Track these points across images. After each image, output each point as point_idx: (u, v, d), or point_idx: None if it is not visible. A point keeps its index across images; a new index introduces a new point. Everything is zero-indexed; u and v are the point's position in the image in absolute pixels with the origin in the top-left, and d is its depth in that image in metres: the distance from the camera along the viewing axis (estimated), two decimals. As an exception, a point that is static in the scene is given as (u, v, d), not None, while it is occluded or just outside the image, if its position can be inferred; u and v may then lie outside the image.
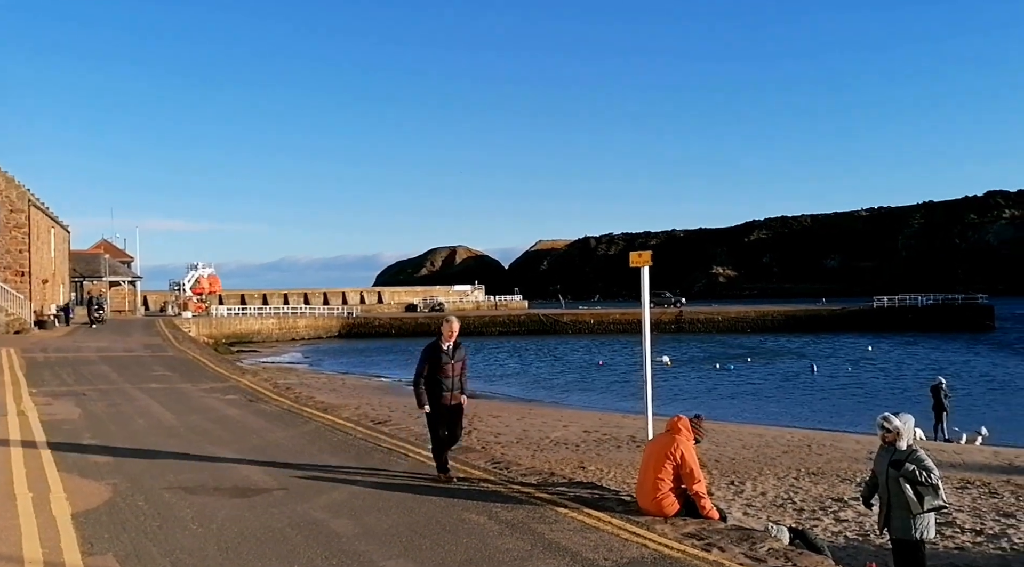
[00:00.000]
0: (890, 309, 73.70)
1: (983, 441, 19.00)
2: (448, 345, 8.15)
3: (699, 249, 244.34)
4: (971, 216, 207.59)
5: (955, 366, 39.90)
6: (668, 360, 42.92)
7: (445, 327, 8.29)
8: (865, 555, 7.77)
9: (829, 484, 12.15)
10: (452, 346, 8.17)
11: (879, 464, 6.74)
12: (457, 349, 8.20)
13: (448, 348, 8.13)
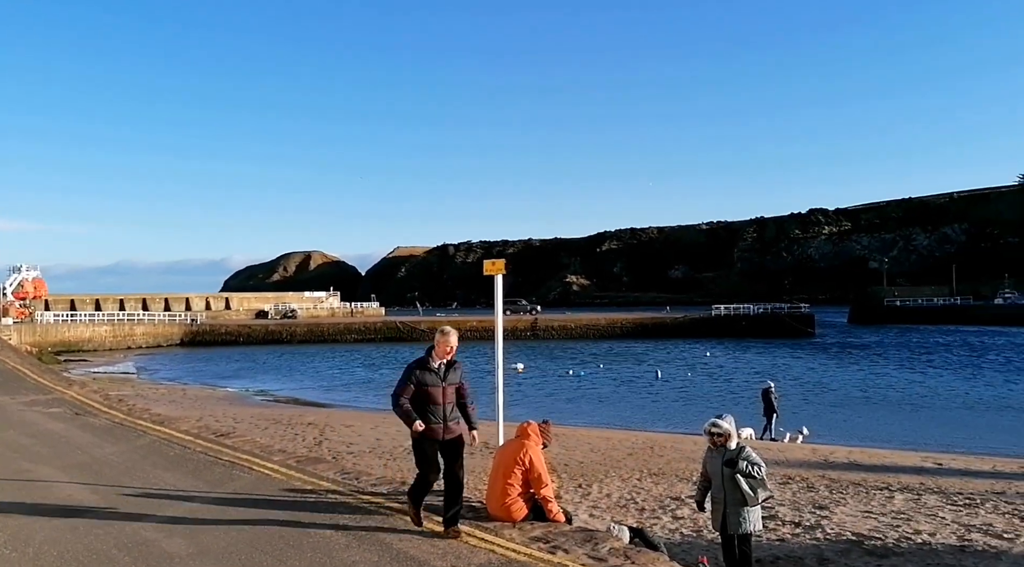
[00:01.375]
0: (727, 317, 78.81)
1: (804, 439, 20.67)
2: (440, 364, 6.60)
3: (554, 258, 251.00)
4: (796, 231, 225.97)
5: (780, 369, 43.24)
6: (521, 367, 43.70)
7: (440, 341, 6.60)
8: (698, 550, 8.24)
9: (669, 484, 12.79)
10: (445, 366, 6.63)
11: (713, 466, 7.14)
12: (451, 369, 6.65)
13: (439, 367, 6.58)
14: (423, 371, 6.54)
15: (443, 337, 6.67)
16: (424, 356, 6.67)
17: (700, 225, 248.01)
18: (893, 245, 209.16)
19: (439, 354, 6.65)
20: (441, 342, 6.65)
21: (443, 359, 6.66)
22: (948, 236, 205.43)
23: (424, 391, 6.49)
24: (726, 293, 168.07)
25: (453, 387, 6.66)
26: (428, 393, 6.49)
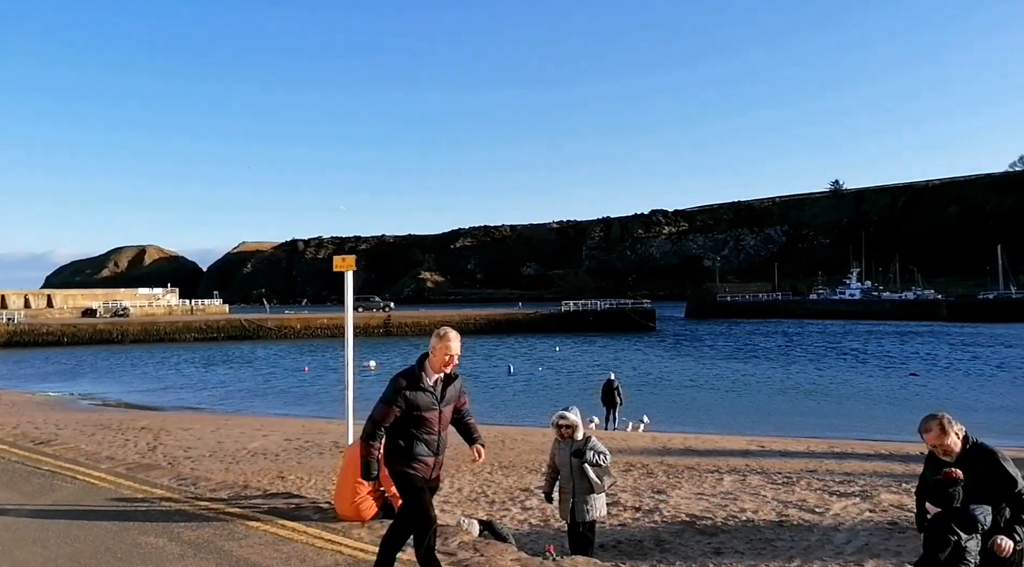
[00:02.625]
0: (575, 313, 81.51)
1: (645, 428, 21.76)
2: (436, 379, 5.15)
3: (408, 255, 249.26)
4: (639, 231, 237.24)
5: (624, 362, 45.32)
6: (374, 364, 43.06)
7: (437, 347, 5.12)
8: (546, 539, 8.47)
9: (519, 476, 13.06)
10: (443, 382, 5.18)
11: (561, 456, 7.36)
12: (450, 385, 5.21)
13: (435, 385, 5.13)
14: (415, 391, 5.01)
15: (442, 342, 5.10)
16: (414, 369, 5.13)
17: (551, 224, 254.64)
18: (724, 245, 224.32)
19: (436, 366, 5.11)
20: (439, 349, 5.08)
21: (440, 373, 5.14)
22: (771, 237, 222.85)
23: (416, 417, 5.01)
24: (575, 290, 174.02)
25: (451, 408, 5.25)
26: (422, 419, 5.03)
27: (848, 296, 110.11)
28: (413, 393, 5.02)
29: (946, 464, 4.73)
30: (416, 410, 5.01)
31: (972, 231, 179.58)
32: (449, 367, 5.17)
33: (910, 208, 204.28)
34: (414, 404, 5.01)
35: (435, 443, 5.18)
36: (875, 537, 8.46)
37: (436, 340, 5.15)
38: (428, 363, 5.14)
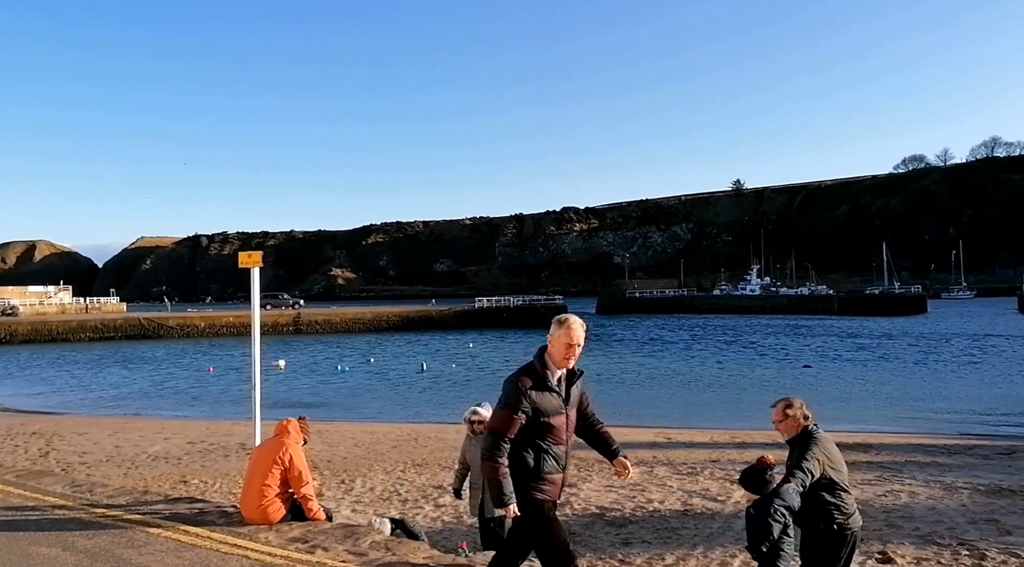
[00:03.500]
0: (489, 309, 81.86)
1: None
2: (559, 376, 4.40)
3: (318, 251, 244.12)
4: (551, 228, 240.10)
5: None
6: (283, 363, 42.08)
7: (559, 337, 4.34)
8: (458, 535, 8.51)
9: (432, 473, 13.05)
10: (566, 378, 4.45)
11: (473, 453, 7.37)
12: (573, 383, 4.48)
13: (559, 382, 4.40)
14: (542, 392, 4.22)
15: (563, 329, 4.30)
16: (534, 365, 4.33)
17: (464, 220, 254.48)
18: (633, 242, 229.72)
19: (557, 359, 4.32)
20: (560, 338, 4.30)
21: (564, 368, 4.38)
22: (678, 234, 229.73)
23: (542, 425, 4.20)
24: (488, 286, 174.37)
25: (575, 412, 4.48)
26: (548, 427, 4.22)
27: (749, 292, 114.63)
28: (539, 394, 4.18)
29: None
30: (543, 416, 4.16)
31: (860, 229, 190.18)
32: (572, 361, 4.35)
33: (805, 207, 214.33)
34: (540, 409, 4.17)
35: (563, 456, 4.33)
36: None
37: (556, 328, 4.33)
38: (550, 356, 4.27)
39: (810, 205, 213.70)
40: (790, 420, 5.02)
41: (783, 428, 5.06)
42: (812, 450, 4.83)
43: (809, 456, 4.80)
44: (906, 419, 23.03)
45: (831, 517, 4.86)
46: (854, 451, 15.30)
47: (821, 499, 4.85)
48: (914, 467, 13.24)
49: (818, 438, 4.96)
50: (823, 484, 4.85)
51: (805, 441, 4.93)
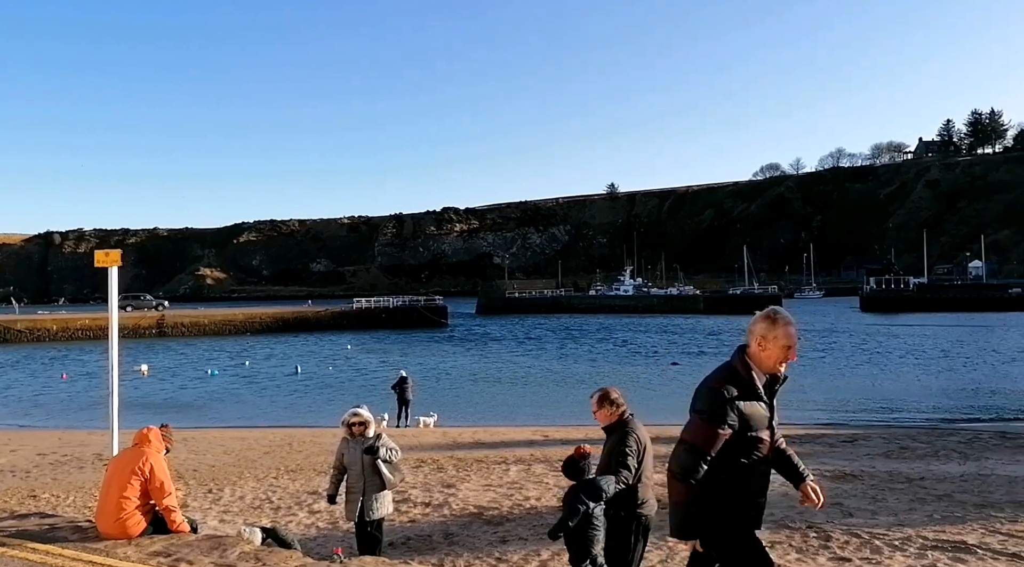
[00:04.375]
0: (368, 310, 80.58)
1: (435, 424, 22.06)
2: (764, 383, 3.67)
3: (185, 250, 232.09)
4: (431, 228, 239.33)
5: (416, 358, 45.55)
6: (146, 368, 39.85)
7: (774, 334, 3.62)
8: (333, 541, 8.35)
9: (307, 479, 12.73)
10: (769, 382, 3.71)
11: (352, 455, 7.26)
12: (776, 391, 3.76)
13: (764, 386, 3.67)
14: (751, 401, 3.55)
15: (778, 327, 3.60)
16: (734, 368, 3.62)
17: (342, 219, 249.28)
18: (513, 243, 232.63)
19: (768, 363, 3.62)
20: (776, 338, 3.58)
21: (775, 372, 3.68)
22: (556, 236, 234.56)
23: (749, 440, 3.53)
24: (367, 287, 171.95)
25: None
26: (756, 442, 3.56)
27: (622, 292, 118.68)
28: (747, 404, 3.52)
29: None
30: (750, 429, 3.50)
31: (723, 233, 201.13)
32: (784, 366, 3.65)
33: (674, 211, 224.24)
34: (748, 421, 3.51)
35: (767, 476, 3.68)
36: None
37: (767, 325, 3.62)
38: (751, 358, 3.63)
39: (678, 210, 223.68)
40: (606, 409, 5.30)
41: (600, 417, 5.34)
42: (628, 442, 5.11)
43: (628, 450, 5.09)
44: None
45: (628, 503, 5.15)
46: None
47: (632, 484, 5.14)
48: (771, 456, 14.13)
49: (633, 427, 5.25)
50: (637, 471, 5.14)
51: (621, 430, 5.20)
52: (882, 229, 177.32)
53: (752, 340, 3.65)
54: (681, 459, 3.56)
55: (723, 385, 3.54)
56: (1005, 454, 14.31)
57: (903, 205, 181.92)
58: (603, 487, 5.06)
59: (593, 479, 5.19)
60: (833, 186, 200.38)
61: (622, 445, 5.13)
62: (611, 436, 5.28)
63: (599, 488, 5.07)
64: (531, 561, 7.52)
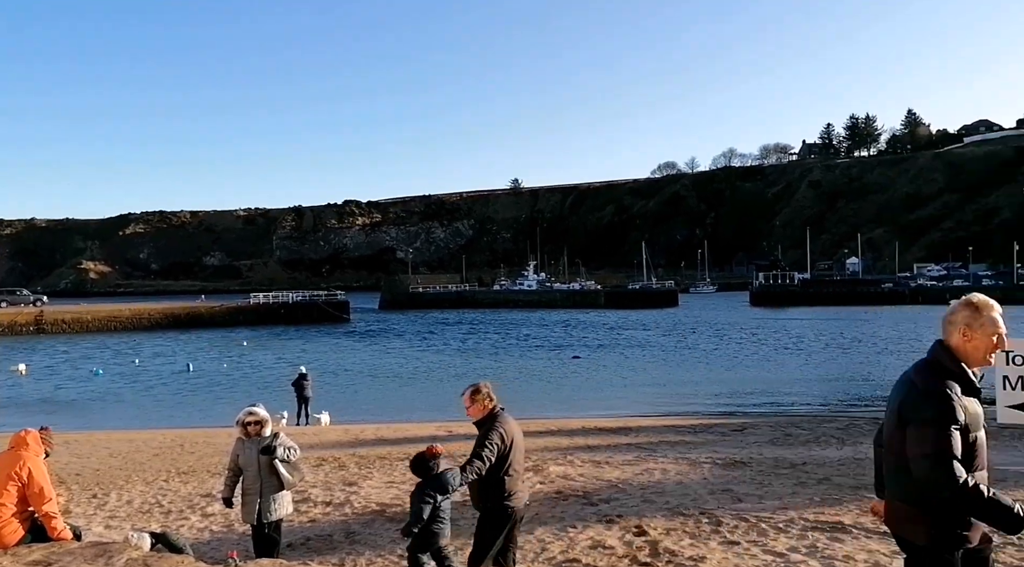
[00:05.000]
0: (265, 305, 78.25)
1: (331, 421, 21.58)
2: (992, 362, 3.42)
3: (66, 242, 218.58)
4: (332, 221, 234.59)
5: (317, 355, 44.63)
6: (24, 368, 37.45)
7: (982, 324, 3.29)
8: (228, 544, 8.11)
9: (200, 481, 12.30)
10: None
11: (247, 456, 7.05)
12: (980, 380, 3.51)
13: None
14: (970, 397, 3.26)
15: (985, 314, 3.29)
16: (942, 363, 3.30)
17: (238, 211, 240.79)
18: (417, 237, 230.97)
19: (978, 355, 3.31)
20: (987, 327, 3.28)
21: (986, 366, 3.41)
22: (460, 230, 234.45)
23: (971, 443, 3.22)
24: (265, 281, 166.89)
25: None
26: (977, 446, 3.25)
27: (526, 287, 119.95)
28: (970, 401, 3.23)
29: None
30: (972, 431, 3.21)
31: (623, 229, 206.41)
32: (993, 357, 3.34)
33: (576, 207, 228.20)
34: (972, 422, 3.22)
35: (986, 483, 3.22)
36: (544, 507, 9.39)
37: (970, 313, 3.31)
38: (956, 352, 3.31)
39: (580, 205, 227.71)
40: (477, 404, 5.42)
41: (473, 412, 5.44)
42: (491, 436, 5.22)
43: (489, 443, 5.19)
44: (660, 403, 25.38)
45: (496, 496, 5.29)
46: (616, 434, 16.63)
47: (493, 479, 5.25)
48: (666, 446, 14.64)
49: (502, 420, 5.36)
50: (499, 465, 5.24)
51: (489, 424, 5.31)
52: (770, 227, 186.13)
53: (954, 331, 3.33)
54: (939, 475, 3.07)
55: (947, 383, 3.19)
56: (878, 439, 15.34)
57: (788, 204, 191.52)
58: (449, 481, 5.22)
59: (439, 474, 5.34)
60: (725, 185, 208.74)
61: (484, 439, 5.25)
62: (481, 430, 5.37)
63: (445, 483, 5.23)
64: (436, 555, 7.53)
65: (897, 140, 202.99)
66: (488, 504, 5.36)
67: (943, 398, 3.14)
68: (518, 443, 5.42)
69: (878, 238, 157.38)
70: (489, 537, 5.38)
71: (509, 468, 5.31)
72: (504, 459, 5.26)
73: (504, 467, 5.27)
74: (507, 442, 5.29)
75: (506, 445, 5.28)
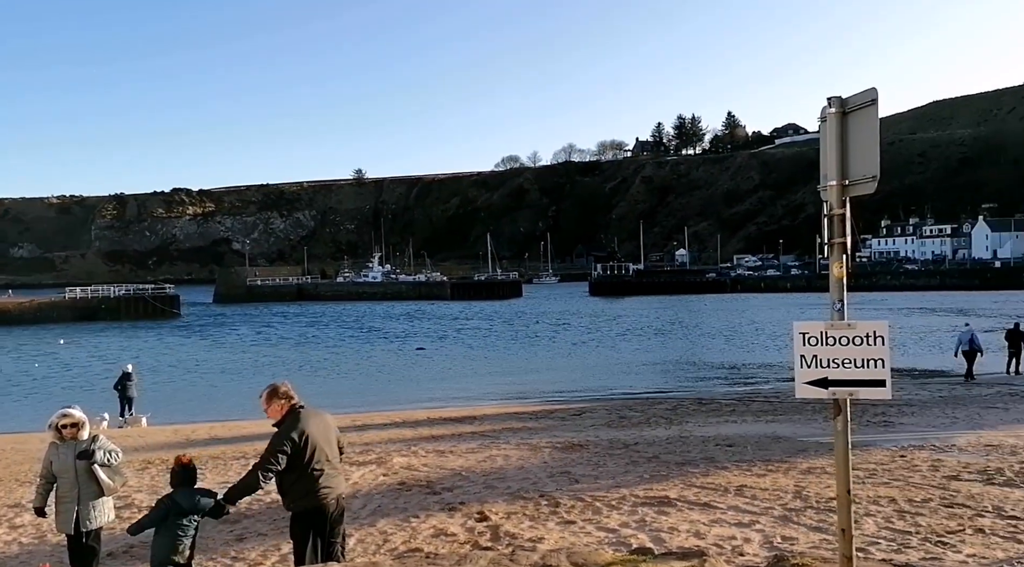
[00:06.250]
0: (83, 300, 72.22)
1: (147, 423, 20.21)
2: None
3: None
4: (160, 210, 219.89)
5: (144, 352, 41.74)
6: None
7: None
8: (40, 556, 7.50)
9: (7, 490, 11.27)
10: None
11: (62, 461, 6.53)
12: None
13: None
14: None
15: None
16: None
17: (49, 198, 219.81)
18: (254, 228, 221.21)
19: None
20: None
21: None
22: (301, 221, 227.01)
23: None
24: (83, 274, 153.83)
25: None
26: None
27: (371, 279, 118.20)
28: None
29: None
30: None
31: (468, 221, 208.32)
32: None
33: (421, 199, 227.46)
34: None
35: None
36: (386, 498, 9.36)
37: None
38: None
39: (425, 197, 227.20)
40: (275, 405, 5.32)
41: (271, 413, 5.34)
42: (281, 441, 5.10)
43: (276, 449, 5.08)
44: (504, 391, 25.92)
45: (300, 496, 5.24)
46: (460, 424, 16.85)
47: (294, 480, 5.19)
48: (509, 433, 15.01)
49: (297, 419, 5.26)
50: (296, 466, 5.16)
51: (284, 425, 5.20)
52: (607, 220, 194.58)
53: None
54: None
55: None
56: (701, 418, 16.53)
57: (624, 198, 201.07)
58: (196, 501, 5.18)
59: (191, 490, 5.28)
60: (566, 179, 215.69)
61: (272, 445, 5.13)
62: (275, 432, 5.27)
63: (193, 500, 5.18)
64: (270, 557, 7.34)
65: (719, 140, 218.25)
66: (293, 505, 5.26)
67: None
68: (320, 439, 5.29)
69: (703, 231, 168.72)
70: (301, 537, 5.29)
71: (310, 466, 5.18)
72: (300, 457, 5.12)
73: (303, 466, 5.14)
74: (301, 441, 5.13)
75: (300, 444, 5.13)
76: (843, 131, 4.19)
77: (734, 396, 21.38)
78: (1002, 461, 10.20)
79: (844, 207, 4.14)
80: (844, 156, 4.17)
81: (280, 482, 5.24)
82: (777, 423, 15.06)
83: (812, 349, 4.22)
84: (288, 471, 5.13)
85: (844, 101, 4.20)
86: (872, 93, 4.06)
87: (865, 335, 4.11)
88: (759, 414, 16.72)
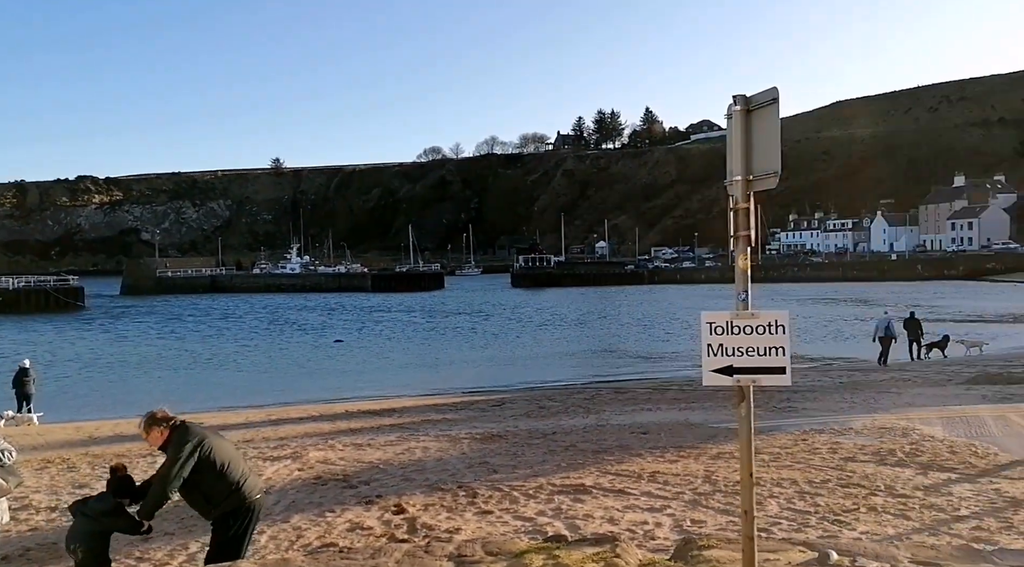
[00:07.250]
0: (-25, 293, 68.01)
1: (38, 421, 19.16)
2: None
3: None
4: (64, 199, 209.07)
5: (44, 347, 39.66)
6: None
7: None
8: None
9: None
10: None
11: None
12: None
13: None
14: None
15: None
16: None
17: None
18: (165, 217, 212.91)
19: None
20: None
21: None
22: (215, 211, 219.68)
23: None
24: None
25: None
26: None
27: (289, 270, 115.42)
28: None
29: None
30: None
31: (390, 212, 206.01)
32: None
33: (341, 189, 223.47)
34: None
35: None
36: (301, 493, 9.20)
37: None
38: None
39: (346, 188, 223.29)
40: (154, 433, 5.12)
41: (153, 440, 5.16)
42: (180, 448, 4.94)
43: (178, 454, 4.92)
44: (424, 383, 25.78)
45: (225, 494, 5.11)
46: (379, 416, 16.68)
47: (208, 487, 5.07)
48: (428, 425, 14.97)
49: (190, 428, 5.11)
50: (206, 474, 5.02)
51: (174, 440, 5.01)
52: (529, 212, 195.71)
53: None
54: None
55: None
56: (617, 406, 16.86)
57: (545, 191, 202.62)
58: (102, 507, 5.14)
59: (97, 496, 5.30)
60: (488, 171, 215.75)
61: (171, 457, 4.96)
62: (167, 454, 5.10)
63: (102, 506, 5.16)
64: (178, 556, 7.13)
65: (637, 135, 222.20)
66: (218, 510, 5.12)
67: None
68: (217, 440, 5.19)
69: (622, 224, 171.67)
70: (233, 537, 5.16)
71: (226, 465, 5.07)
72: (208, 461, 4.99)
73: (217, 468, 5.02)
74: (202, 446, 4.99)
75: (204, 450, 5.00)
76: (748, 128, 4.32)
77: (649, 384, 21.89)
78: (894, 443, 10.81)
79: (749, 201, 4.27)
80: (748, 152, 4.30)
81: (196, 495, 5.07)
82: (690, 410, 15.50)
83: (718, 338, 4.34)
84: (201, 479, 4.98)
85: (748, 99, 4.32)
86: (773, 92, 4.19)
87: (767, 324, 4.25)
88: (673, 402, 17.18)
